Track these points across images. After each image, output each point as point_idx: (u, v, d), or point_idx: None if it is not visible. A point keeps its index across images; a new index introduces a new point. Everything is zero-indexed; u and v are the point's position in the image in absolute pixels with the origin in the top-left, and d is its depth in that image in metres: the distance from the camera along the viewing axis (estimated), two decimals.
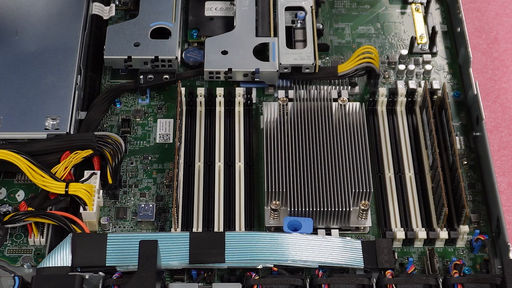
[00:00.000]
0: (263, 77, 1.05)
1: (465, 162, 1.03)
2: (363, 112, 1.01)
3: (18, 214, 0.93)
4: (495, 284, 0.87)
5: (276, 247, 0.90)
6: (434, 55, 1.12)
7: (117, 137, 1.00)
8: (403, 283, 0.88)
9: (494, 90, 1.20)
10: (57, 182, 0.94)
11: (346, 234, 0.96)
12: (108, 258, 0.89)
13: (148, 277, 0.81)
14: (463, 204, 0.93)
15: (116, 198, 0.99)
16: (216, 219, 0.96)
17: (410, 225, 0.96)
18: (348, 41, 1.15)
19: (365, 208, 0.94)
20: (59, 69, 1.03)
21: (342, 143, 0.98)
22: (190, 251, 0.90)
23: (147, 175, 1.01)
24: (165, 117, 1.06)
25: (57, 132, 0.98)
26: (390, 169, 1.01)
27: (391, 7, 1.18)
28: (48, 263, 0.88)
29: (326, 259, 0.90)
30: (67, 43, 1.06)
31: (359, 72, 1.07)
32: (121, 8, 1.17)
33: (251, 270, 0.90)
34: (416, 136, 1.03)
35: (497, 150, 1.14)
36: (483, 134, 1.01)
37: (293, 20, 1.11)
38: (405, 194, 0.99)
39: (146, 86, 1.07)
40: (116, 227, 0.97)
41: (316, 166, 0.96)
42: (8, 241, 0.95)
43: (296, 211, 0.93)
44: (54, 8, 1.09)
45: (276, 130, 0.99)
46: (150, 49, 1.06)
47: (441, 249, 0.96)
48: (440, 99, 1.03)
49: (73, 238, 0.89)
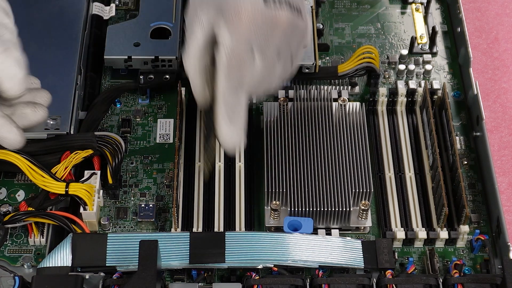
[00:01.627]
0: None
1: (465, 162, 1.03)
2: (363, 112, 1.01)
3: (18, 214, 0.93)
4: (495, 284, 0.87)
5: (276, 247, 0.90)
6: (434, 55, 1.12)
7: (117, 137, 1.00)
8: (403, 283, 0.88)
9: (494, 90, 1.20)
10: (57, 182, 0.94)
11: (346, 234, 0.96)
12: (108, 258, 0.89)
13: (148, 277, 0.81)
14: (463, 204, 0.93)
15: (116, 198, 0.99)
16: (216, 219, 0.96)
17: (410, 225, 0.96)
18: (348, 41, 1.15)
19: (365, 208, 0.94)
20: (59, 69, 1.03)
21: (342, 143, 0.98)
22: (190, 251, 0.90)
23: (147, 175, 1.01)
24: (165, 117, 1.07)
25: (57, 132, 0.98)
26: (390, 169, 1.01)
27: (391, 7, 1.18)
28: (48, 263, 0.88)
29: (326, 259, 0.90)
30: (67, 43, 1.06)
31: (359, 72, 1.07)
32: (121, 8, 1.17)
33: (251, 270, 0.90)
34: (416, 136, 1.03)
35: (497, 150, 1.14)
36: (483, 134, 1.01)
37: None
38: (405, 194, 0.99)
39: (146, 86, 1.07)
40: (116, 227, 0.97)
41: (316, 166, 0.96)
42: (8, 241, 0.95)
43: (296, 211, 0.93)
44: (54, 8, 1.09)
45: (276, 130, 0.99)
46: (150, 49, 1.06)
47: (441, 249, 0.96)
48: (440, 99, 1.03)
49: (73, 238, 0.89)
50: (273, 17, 0.85)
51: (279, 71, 0.88)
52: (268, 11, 0.85)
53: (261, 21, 0.84)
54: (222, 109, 0.85)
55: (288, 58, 0.89)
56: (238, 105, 0.85)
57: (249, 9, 0.84)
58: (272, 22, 0.85)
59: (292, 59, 0.90)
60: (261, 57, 0.85)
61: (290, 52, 0.88)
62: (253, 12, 0.84)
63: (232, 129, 0.85)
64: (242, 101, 0.86)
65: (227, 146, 0.87)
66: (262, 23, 0.84)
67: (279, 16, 0.85)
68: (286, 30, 0.86)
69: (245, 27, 0.83)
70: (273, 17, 0.85)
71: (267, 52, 0.85)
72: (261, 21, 0.84)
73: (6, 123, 0.89)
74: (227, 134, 0.86)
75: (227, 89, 0.84)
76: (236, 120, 0.85)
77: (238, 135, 0.86)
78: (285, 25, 0.85)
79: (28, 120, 0.92)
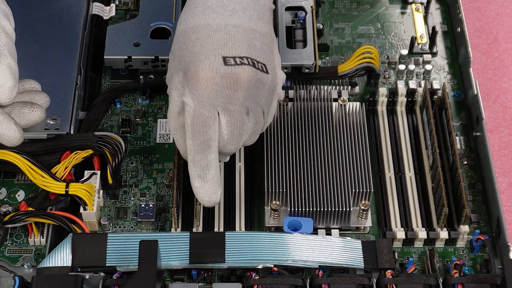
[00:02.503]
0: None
1: (465, 162, 1.03)
2: (363, 112, 1.01)
3: (18, 214, 0.93)
4: (495, 284, 0.87)
5: (276, 247, 0.90)
6: (434, 55, 1.12)
7: (117, 137, 1.00)
8: (403, 283, 0.88)
9: (494, 90, 1.20)
10: (57, 182, 0.94)
11: (346, 234, 0.96)
12: (108, 258, 0.89)
13: (148, 277, 0.81)
14: (463, 204, 0.93)
15: (116, 198, 0.99)
16: (216, 219, 0.96)
17: (410, 225, 0.96)
18: (348, 41, 1.15)
19: (365, 208, 0.94)
20: (59, 69, 1.03)
21: (342, 143, 0.98)
22: (190, 251, 0.90)
23: (147, 175, 1.02)
24: (165, 117, 1.06)
25: (57, 132, 0.98)
26: (390, 169, 1.01)
27: (391, 7, 1.18)
28: (48, 263, 0.88)
29: (326, 259, 0.90)
30: (67, 43, 1.06)
31: (359, 72, 1.07)
32: (121, 8, 1.17)
33: (251, 270, 0.90)
34: (416, 136, 1.03)
35: (497, 150, 1.14)
36: (483, 134, 1.01)
37: (293, 20, 1.11)
38: (405, 194, 0.99)
39: (146, 86, 1.07)
40: (116, 227, 0.97)
41: (316, 166, 0.96)
42: (8, 241, 0.95)
43: (296, 211, 0.93)
44: (54, 8, 1.09)
45: (276, 130, 0.99)
46: (150, 49, 1.06)
47: (441, 249, 0.96)
48: (440, 99, 1.03)
49: (73, 238, 0.89)
50: (232, 75, 0.86)
51: (251, 126, 0.89)
52: (227, 69, 0.86)
53: (220, 80, 0.85)
54: (192, 168, 0.87)
55: (259, 112, 0.90)
56: (207, 164, 0.87)
57: (206, 69, 0.85)
58: (232, 80, 0.86)
59: (264, 113, 0.91)
60: (226, 115, 0.87)
61: (260, 107, 0.89)
62: (212, 75, 0.85)
63: (205, 185, 0.87)
64: (211, 160, 0.87)
65: (203, 201, 0.88)
66: (221, 83, 0.85)
67: (239, 74, 0.86)
68: (249, 88, 0.87)
69: (203, 88, 0.85)
70: (232, 75, 0.86)
71: (232, 110, 0.87)
72: (220, 80, 0.85)
73: (4, 120, 0.89)
74: (199, 191, 0.88)
75: (193, 148, 0.87)
76: (208, 178, 0.87)
77: (212, 192, 0.88)
78: (247, 83, 0.86)
79: (26, 119, 0.92)
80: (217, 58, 0.86)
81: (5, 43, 0.88)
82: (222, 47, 0.87)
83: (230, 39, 0.88)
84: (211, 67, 0.86)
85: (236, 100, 0.87)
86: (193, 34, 0.89)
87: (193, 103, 0.86)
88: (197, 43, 0.88)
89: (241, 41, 0.88)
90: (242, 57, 0.87)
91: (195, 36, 0.88)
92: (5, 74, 0.87)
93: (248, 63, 0.87)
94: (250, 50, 0.88)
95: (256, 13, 0.91)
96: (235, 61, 0.86)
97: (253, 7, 0.91)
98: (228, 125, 0.87)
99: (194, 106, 0.86)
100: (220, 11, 0.89)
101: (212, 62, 0.86)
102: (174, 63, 0.90)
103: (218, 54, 0.87)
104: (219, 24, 0.89)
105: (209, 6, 0.90)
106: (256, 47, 0.89)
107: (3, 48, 0.88)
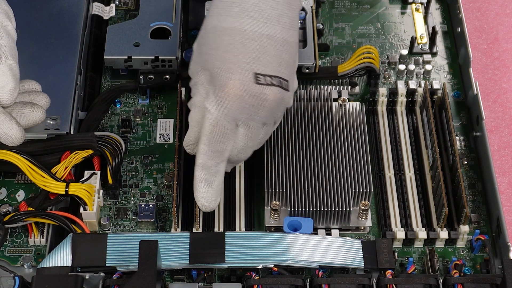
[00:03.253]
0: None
1: (465, 162, 1.03)
2: (363, 112, 1.01)
3: (18, 214, 0.93)
4: (495, 284, 0.87)
5: (276, 247, 0.90)
6: (434, 55, 1.12)
7: (117, 137, 1.00)
8: (403, 283, 0.88)
9: (494, 90, 1.20)
10: (57, 182, 0.94)
11: (346, 234, 0.96)
12: (108, 258, 0.89)
13: (148, 277, 0.81)
14: (463, 204, 0.93)
15: (116, 198, 0.99)
16: (216, 219, 0.96)
17: (410, 225, 0.96)
18: (348, 41, 1.15)
19: (365, 208, 0.94)
20: (59, 69, 1.03)
21: (342, 143, 0.98)
22: (190, 251, 0.90)
23: (147, 175, 1.01)
24: (165, 117, 1.07)
25: (57, 132, 0.98)
26: (390, 169, 1.01)
27: (391, 7, 1.18)
28: (48, 263, 0.88)
29: (326, 259, 0.90)
30: (67, 43, 1.06)
31: (359, 72, 1.07)
32: (121, 8, 1.17)
33: (251, 270, 0.90)
34: (416, 136, 1.03)
35: (497, 150, 1.14)
36: (483, 134, 1.01)
37: None
38: (405, 194, 0.99)
39: (146, 86, 1.07)
40: (116, 227, 0.97)
41: (316, 166, 0.96)
42: (8, 241, 0.95)
43: (296, 211, 0.93)
44: (54, 8, 1.09)
45: (276, 130, 0.99)
46: (150, 49, 1.06)
47: (441, 249, 0.96)
48: (440, 99, 1.03)
49: (73, 238, 0.89)
50: (261, 95, 0.86)
51: (262, 137, 0.90)
52: (256, 89, 0.86)
53: (248, 99, 0.86)
54: (200, 171, 0.87)
55: (271, 125, 0.91)
56: (216, 171, 0.88)
57: (237, 85, 0.85)
58: (260, 99, 0.86)
59: (275, 123, 0.92)
60: (244, 129, 0.87)
61: (274, 119, 0.90)
62: (241, 89, 0.85)
63: (209, 191, 0.88)
64: (220, 168, 0.88)
65: (202, 205, 0.89)
66: (249, 101, 0.86)
67: (267, 94, 0.86)
68: (273, 107, 0.87)
69: (231, 103, 0.85)
70: (261, 95, 0.86)
71: (252, 125, 0.87)
72: (248, 98, 0.86)
73: (6, 119, 0.89)
74: (202, 195, 0.88)
75: (207, 154, 0.87)
76: (213, 185, 0.88)
77: (213, 198, 0.89)
78: (273, 104, 0.87)
79: (26, 120, 0.92)
80: (248, 73, 0.86)
81: (7, 44, 0.88)
82: (255, 61, 0.86)
83: (263, 52, 0.87)
84: (242, 84, 0.85)
85: (258, 117, 0.87)
86: (226, 37, 0.87)
87: (216, 113, 0.86)
88: (230, 49, 0.87)
89: (272, 57, 0.87)
90: (272, 76, 0.86)
91: (228, 41, 0.87)
92: (6, 76, 0.87)
93: (277, 84, 0.87)
94: (279, 68, 0.87)
95: (289, 20, 0.89)
96: (265, 81, 0.86)
97: (287, 13, 0.89)
98: (244, 137, 0.88)
99: (217, 116, 0.86)
100: (256, 16, 0.88)
101: (243, 77, 0.85)
102: (200, 58, 0.89)
103: (250, 69, 0.86)
104: (254, 33, 0.87)
105: (245, 9, 0.88)
106: (284, 62, 0.88)
107: (5, 50, 0.88)
